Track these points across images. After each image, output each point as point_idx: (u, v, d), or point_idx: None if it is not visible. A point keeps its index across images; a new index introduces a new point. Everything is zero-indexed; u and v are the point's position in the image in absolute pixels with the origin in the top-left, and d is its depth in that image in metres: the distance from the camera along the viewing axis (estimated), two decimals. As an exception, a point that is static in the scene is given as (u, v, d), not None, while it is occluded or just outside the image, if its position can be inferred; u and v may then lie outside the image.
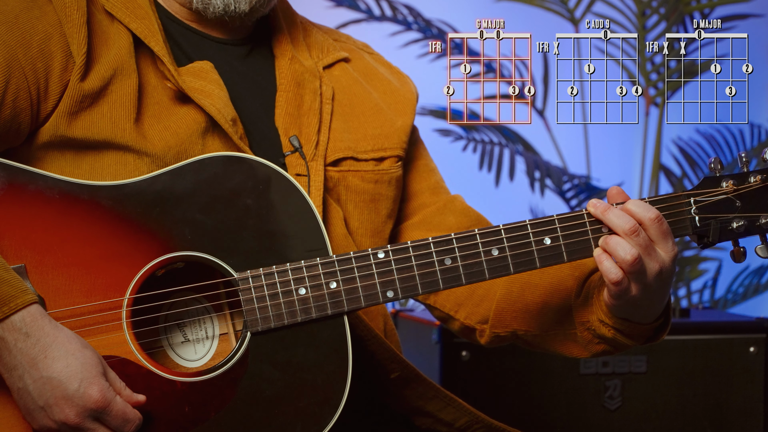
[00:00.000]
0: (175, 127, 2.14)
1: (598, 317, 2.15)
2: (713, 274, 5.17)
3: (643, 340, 2.18)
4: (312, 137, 2.26)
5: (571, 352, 2.27)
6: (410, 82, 2.45)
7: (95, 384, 1.93)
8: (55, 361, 1.92)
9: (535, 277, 2.27)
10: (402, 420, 2.29)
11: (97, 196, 2.02)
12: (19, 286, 1.93)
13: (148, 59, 2.17)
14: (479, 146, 4.92)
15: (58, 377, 1.92)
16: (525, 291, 2.29)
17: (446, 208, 2.40)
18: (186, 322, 2.10)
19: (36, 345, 1.92)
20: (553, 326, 2.27)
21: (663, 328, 2.18)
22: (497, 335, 2.34)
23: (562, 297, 2.24)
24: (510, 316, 2.31)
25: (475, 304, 2.36)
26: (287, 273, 2.04)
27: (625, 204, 2.07)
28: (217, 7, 2.22)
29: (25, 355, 1.92)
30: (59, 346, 1.93)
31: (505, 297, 2.31)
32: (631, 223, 2.04)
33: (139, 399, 1.98)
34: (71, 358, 1.93)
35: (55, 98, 2.11)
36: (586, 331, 2.19)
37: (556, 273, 2.25)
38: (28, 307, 1.93)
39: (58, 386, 1.92)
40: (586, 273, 2.22)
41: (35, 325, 1.93)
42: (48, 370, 1.92)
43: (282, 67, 2.30)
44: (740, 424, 3.43)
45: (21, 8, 2.12)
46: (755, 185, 2.12)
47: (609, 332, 2.15)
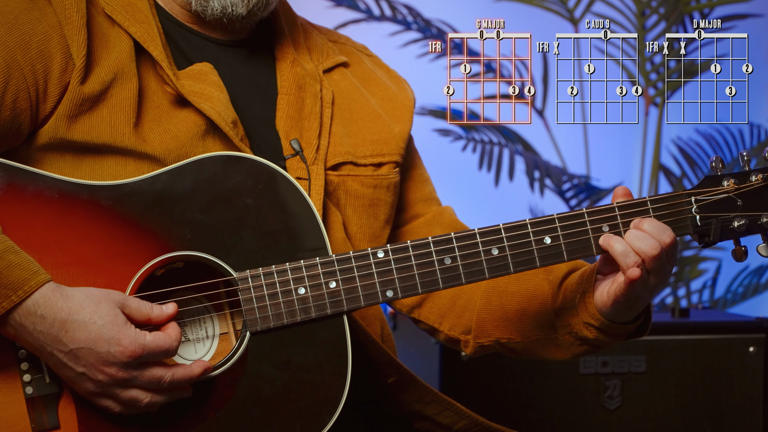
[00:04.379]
0: (175, 131, 2.14)
1: (582, 320, 2.17)
2: (713, 274, 5.17)
3: (624, 337, 2.20)
4: (313, 141, 2.26)
5: (553, 356, 2.29)
6: (408, 87, 2.46)
7: (123, 338, 1.94)
8: (76, 332, 1.93)
9: (512, 285, 2.29)
10: (401, 424, 2.29)
11: (97, 195, 2.02)
12: (31, 268, 1.94)
13: (149, 63, 2.17)
14: (479, 146, 4.92)
15: (86, 345, 1.93)
16: (503, 299, 2.30)
17: (435, 220, 2.42)
18: (186, 322, 2.10)
19: (53, 324, 1.93)
20: (533, 331, 2.28)
21: (646, 325, 2.20)
22: (481, 345, 2.35)
23: (539, 302, 2.26)
24: (491, 325, 2.32)
25: (457, 315, 2.37)
26: (287, 273, 2.04)
27: (639, 224, 2.08)
28: (215, 9, 2.22)
29: (47, 336, 1.93)
30: (75, 317, 1.93)
31: (485, 307, 2.32)
32: (657, 247, 2.05)
33: (169, 311, 1.99)
34: (90, 324, 1.93)
35: (54, 100, 2.11)
36: (567, 334, 2.21)
37: (530, 279, 2.27)
38: (41, 288, 1.93)
39: (89, 354, 1.93)
40: (559, 277, 2.24)
41: (47, 304, 1.93)
42: (74, 342, 1.93)
43: (283, 70, 2.30)
44: (740, 423, 3.43)
45: (21, 9, 2.12)
46: (756, 184, 2.12)
47: (591, 334, 2.17)
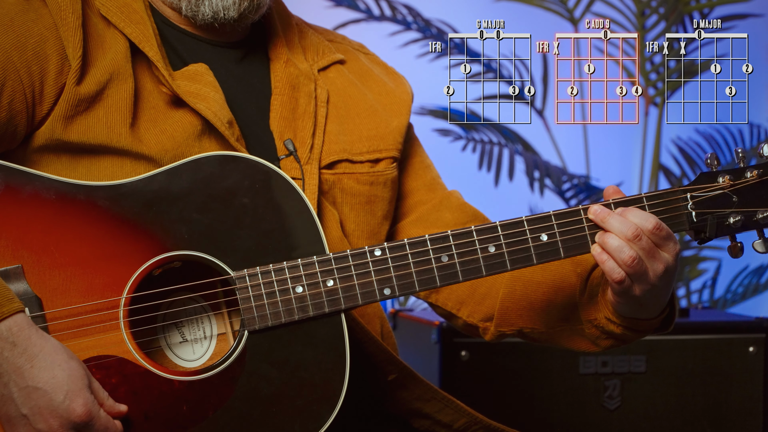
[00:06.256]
0: (171, 131, 2.14)
1: (605, 315, 2.16)
2: (713, 274, 5.17)
3: (652, 331, 2.19)
4: (307, 140, 2.26)
5: (579, 347, 2.28)
6: (405, 83, 2.45)
7: (80, 397, 1.92)
8: (41, 371, 1.91)
9: (538, 274, 2.27)
10: (400, 422, 2.29)
11: (94, 196, 2.02)
12: (5, 294, 1.93)
13: (144, 64, 2.18)
14: (479, 146, 4.93)
15: (44, 388, 1.91)
16: (528, 289, 2.29)
17: (442, 204, 2.40)
18: (184, 322, 2.10)
19: (22, 354, 1.91)
20: (559, 323, 2.27)
21: (670, 319, 2.19)
22: (503, 333, 2.35)
23: (566, 294, 2.25)
24: (515, 314, 2.31)
25: (477, 303, 2.36)
26: (284, 271, 2.04)
27: (624, 213, 2.06)
28: (206, 14, 2.22)
29: (11, 364, 1.91)
30: (45, 357, 1.92)
31: (509, 296, 2.31)
32: (633, 228, 2.04)
33: (121, 409, 1.98)
34: (57, 369, 1.92)
35: (51, 101, 2.11)
36: (594, 328, 2.20)
37: (558, 270, 2.26)
38: (14, 315, 1.92)
39: (43, 396, 1.91)
40: (588, 269, 2.22)
41: (22, 334, 1.92)
42: (34, 380, 1.91)
43: (277, 71, 2.30)
44: (739, 423, 3.43)
45: (16, 11, 2.12)
46: (752, 180, 2.12)
47: (617, 329, 2.16)
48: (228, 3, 2.21)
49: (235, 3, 2.21)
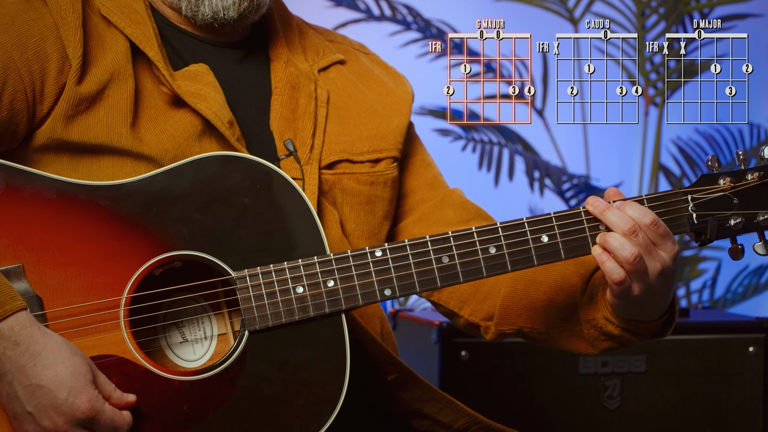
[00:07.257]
0: (172, 131, 2.15)
1: (603, 315, 2.16)
2: (712, 274, 5.17)
3: (650, 336, 2.19)
4: (307, 141, 2.26)
5: (578, 348, 2.27)
6: (406, 83, 2.45)
7: (84, 393, 1.92)
8: (44, 369, 1.91)
9: (540, 274, 2.27)
10: (400, 422, 2.29)
11: (95, 195, 2.03)
12: (8, 293, 1.93)
13: (145, 64, 2.18)
14: (479, 146, 4.93)
15: (48, 385, 1.91)
16: (530, 288, 2.29)
17: (444, 202, 2.40)
18: (184, 323, 2.11)
19: (25, 353, 1.92)
20: (558, 323, 2.27)
21: (669, 324, 2.19)
22: (503, 332, 2.35)
23: (567, 294, 2.25)
24: (515, 313, 2.31)
25: (479, 302, 2.36)
26: (284, 272, 2.04)
27: (623, 207, 2.07)
28: (205, 14, 2.22)
29: (14, 363, 1.91)
30: (48, 354, 1.92)
31: (510, 295, 2.31)
32: (631, 223, 2.04)
33: (129, 400, 1.98)
34: (60, 366, 1.92)
35: (51, 100, 2.11)
36: (592, 328, 2.20)
37: (560, 270, 2.26)
38: (16, 314, 1.92)
39: (47, 394, 1.91)
40: (590, 270, 2.22)
41: (24, 332, 1.92)
42: (37, 378, 1.91)
43: (277, 71, 2.30)
44: (739, 423, 3.43)
45: (17, 10, 2.12)
46: (753, 182, 2.12)
47: (616, 330, 2.16)
48: (228, 3, 2.21)
49: (235, 3, 2.21)
